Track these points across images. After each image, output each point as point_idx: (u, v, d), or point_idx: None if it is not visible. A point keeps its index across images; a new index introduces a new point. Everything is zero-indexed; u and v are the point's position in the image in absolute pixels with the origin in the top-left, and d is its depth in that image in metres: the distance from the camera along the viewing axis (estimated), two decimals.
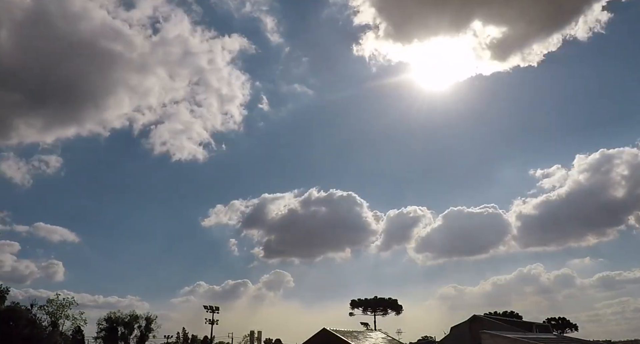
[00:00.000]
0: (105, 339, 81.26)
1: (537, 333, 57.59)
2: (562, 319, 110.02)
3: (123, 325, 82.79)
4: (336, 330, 53.60)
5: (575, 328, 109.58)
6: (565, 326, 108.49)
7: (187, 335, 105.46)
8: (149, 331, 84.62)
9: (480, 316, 63.12)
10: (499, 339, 39.79)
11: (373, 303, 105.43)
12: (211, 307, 78.96)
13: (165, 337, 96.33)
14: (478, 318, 60.25)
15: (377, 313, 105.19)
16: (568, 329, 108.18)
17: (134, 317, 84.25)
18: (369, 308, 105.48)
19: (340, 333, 53.12)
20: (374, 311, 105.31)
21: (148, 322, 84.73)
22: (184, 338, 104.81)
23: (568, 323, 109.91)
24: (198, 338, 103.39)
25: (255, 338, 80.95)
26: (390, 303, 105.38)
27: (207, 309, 78.66)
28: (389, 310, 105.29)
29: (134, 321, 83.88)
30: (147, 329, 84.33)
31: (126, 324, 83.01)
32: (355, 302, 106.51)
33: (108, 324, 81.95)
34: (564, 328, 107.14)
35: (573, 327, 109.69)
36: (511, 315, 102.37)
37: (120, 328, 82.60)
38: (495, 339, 39.70)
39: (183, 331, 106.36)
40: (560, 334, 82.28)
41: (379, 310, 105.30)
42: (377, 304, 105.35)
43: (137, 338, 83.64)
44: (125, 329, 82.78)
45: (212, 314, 78.26)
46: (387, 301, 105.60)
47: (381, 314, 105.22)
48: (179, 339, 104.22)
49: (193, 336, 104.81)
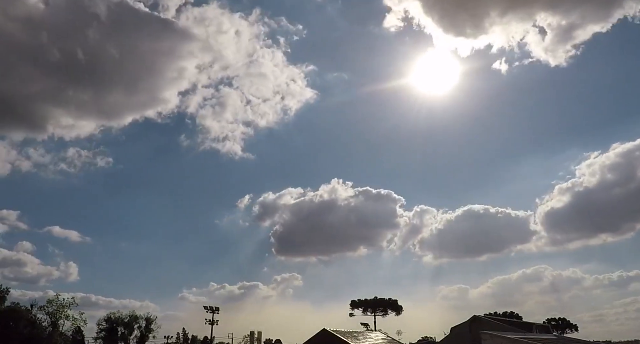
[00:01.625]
0: (105, 340, 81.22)
1: (537, 333, 57.61)
2: (562, 319, 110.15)
3: (123, 325, 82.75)
4: (336, 331, 53.64)
5: (575, 328, 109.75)
6: (565, 326, 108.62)
7: (187, 335, 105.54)
8: (149, 332, 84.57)
9: (480, 317, 63.10)
10: (499, 339, 39.79)
11: (373, 303, 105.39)
12: (211, 307, 78.83)
13: (165, 337, 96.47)
14: (478, 319, 60.22)
15: (377, 313, 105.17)
16: (568, 329, 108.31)
17: (133, 317, 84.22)
18: (369, 309, 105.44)
19: (340, 333, 53.16)
20: (374, 311, 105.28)
21: (148, 322, 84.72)
22: (184, 338, 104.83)
23: (568, 323, 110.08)
24: (198, 339, 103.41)
25: (255, 339, 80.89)
26: (390, 303, 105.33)
27: (207, 310, 78.55)
28: (389, 310, 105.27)
29: (134, 321, 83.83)
30: (147, 329, 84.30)
31: (126, 324, 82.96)
32: (355, 302, 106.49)
33: (108, 325, 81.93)
34: (564, 329, 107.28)
35: (573, 327, 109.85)
36: (511, 315, 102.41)
37: (120, 329, 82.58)
38: (495, 340, 39.69)
39: (183, 331, 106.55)
40: (560, 334, 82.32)
41: (379, 310, 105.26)
42: (377, 304, 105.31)
43: (137, 338, 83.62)
44: (125, 330, 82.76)
45: (212, 314, 78.20)
46: (387, 302, 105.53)
47: (381, 315, 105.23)
48: (179, 339, 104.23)
49: (193, 337, 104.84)
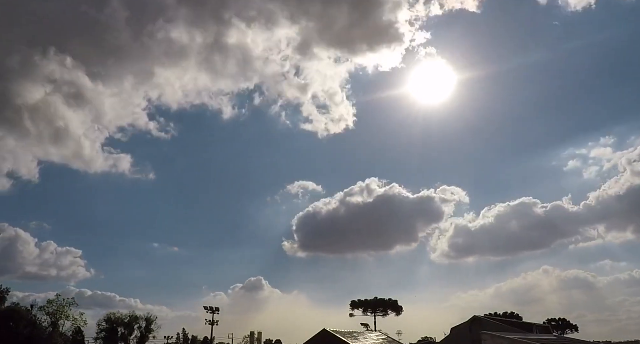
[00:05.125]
0: (105, 340, 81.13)
1: (537, 333, 57.66)
2: (563, 320, 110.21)
3: (123, 326, 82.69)
4: (336, 331, 53.66)
5: (575, 328, 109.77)
6: (565, 326, 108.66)
7: (187, 336, 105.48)
8: (149, 332, 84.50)
9: (481, 317, 63.16)
10: (499, 340, 39.83)
11: (373, 303, 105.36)
12: (211, 308, 78.64)
13: (165, 337, 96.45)
14: (478, 319, 60.29)
15: (377, 313, 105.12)
16: (568, 329, 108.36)
17: (133, 317, 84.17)
18: (369, 309, 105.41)
19: (340, 333, 53.18)
20: (374, 311, 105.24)
21: (148, 322, 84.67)
22: (184, 339, 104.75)
23: (568, 323, 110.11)
24: (198, 339, 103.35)
25: (255, 339, 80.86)
26: (390, 303, 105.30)
27: (207, 310, 78.37)
28: (389, 311, 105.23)
29: (134, 321, 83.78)
30: (147, 329, 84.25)
31: (126, 324, 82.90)
32: (355, 303, 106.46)
33: (108, 325, 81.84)
34: (564, 329, 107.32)
35: (573, 328, 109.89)
36: (511, 316, 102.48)
37: (120, 329, 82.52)
38: (495, 340, 39.73)
39: (183, 331, 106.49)
40: (560, 335, 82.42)
41: (379, 311, 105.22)
42: (377, 305, 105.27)
43: (137, 338, 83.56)
44: (125, 330, 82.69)
45: (212, 314, 78.07)
46: (387, 302, 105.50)
47: (381, 315, 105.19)
48: (179, 339, 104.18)
49: (193, 337, 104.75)
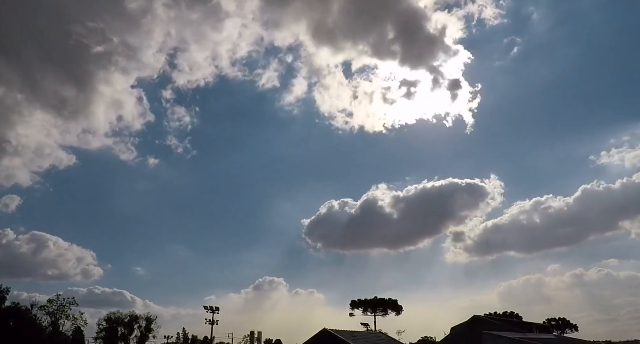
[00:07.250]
0: (106, 340, 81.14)
1: (537, 333, 57.61)
2: (563, 319, 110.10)
3: (123, 325, 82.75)
4: (336, 330, 53.58)
5: (575, 328, 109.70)
6: (565, 326, 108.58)
7: (187, 335, 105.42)
8: (149, 332, 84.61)
9: (481, 317, 63.02)
10: (499, 339, 39.81)
11: (373, 303, 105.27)
12: (211, 307, 78.43)
13: (165, 337, 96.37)
14: (478, 319, 60.14)
15: (377, 313, 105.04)
16: (568, 329, 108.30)
17: (133, 317, 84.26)
18: (369, 309, 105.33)
19: (340, 333, 53.09)
20: (374, 311, 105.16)
21: (148, 322, 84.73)
22: (184, 338, 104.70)
23: (568, 323, 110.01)
24: (198, 338, 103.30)
25: (255, 339, 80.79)
26: (391, 303, 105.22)
27: (207, 310, 78.15)
28: (389, 310, 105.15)
29: (134, 321, 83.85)
30: (147, 329, 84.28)
31: (126, 324, 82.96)
32: (355, 302, 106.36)
33: (108, 325, 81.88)
34: (564, 329, 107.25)
35: (573, 327, 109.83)
36: (511, 316, 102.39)
37: (120, 329, 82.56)
38: (496, 340, 39.70)
39: (183, 331, 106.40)
40: (560, 334, 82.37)
41: (379, 310, 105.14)
42: (377, 304, 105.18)
43: (137, 338, 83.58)
44: (125, 330, 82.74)
45: (212, 314, 77.94)
46: (387, 302, 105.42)
47: (381, 315, 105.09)
48: (179, 339, 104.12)
49: (193, 337, 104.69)
